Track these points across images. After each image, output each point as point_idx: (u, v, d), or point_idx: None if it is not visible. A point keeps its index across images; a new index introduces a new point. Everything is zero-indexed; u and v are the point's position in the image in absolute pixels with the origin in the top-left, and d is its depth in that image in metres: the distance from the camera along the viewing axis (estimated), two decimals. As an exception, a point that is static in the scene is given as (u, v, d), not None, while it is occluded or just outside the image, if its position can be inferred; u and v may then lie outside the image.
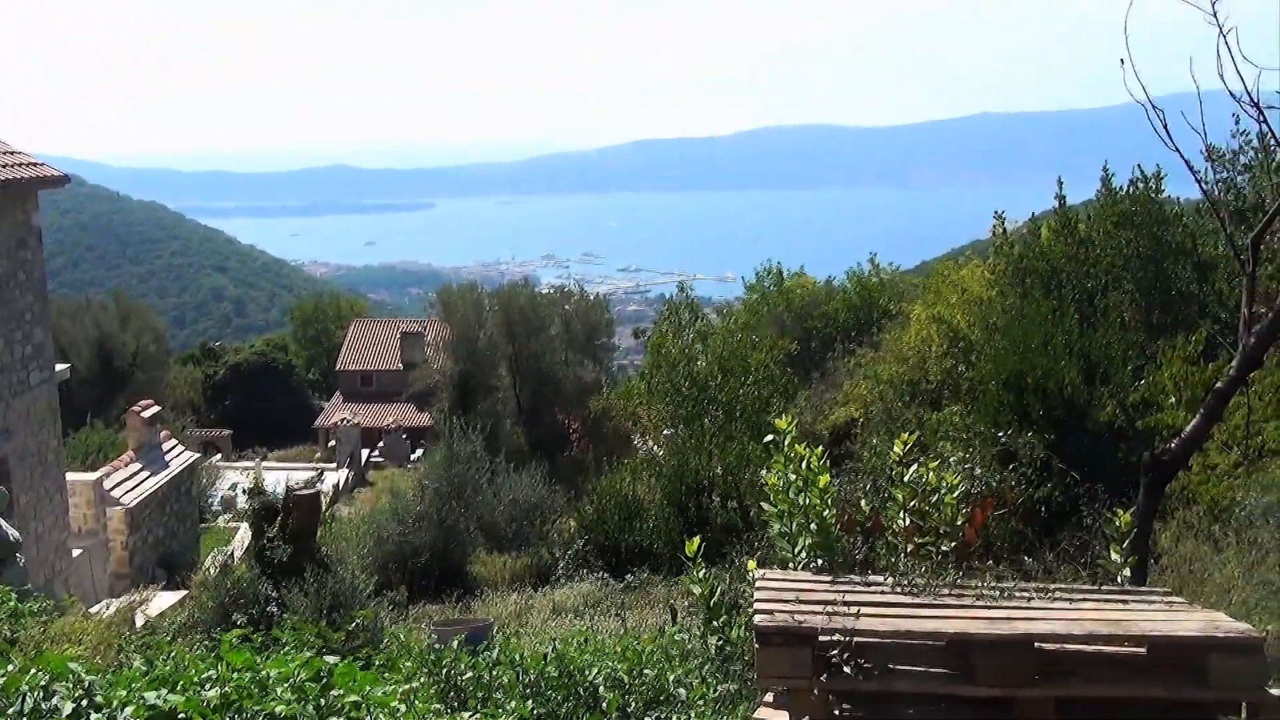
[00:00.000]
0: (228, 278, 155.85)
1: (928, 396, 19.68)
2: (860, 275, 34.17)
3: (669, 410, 20.87)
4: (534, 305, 39.68)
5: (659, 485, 20.28)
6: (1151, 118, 6.65)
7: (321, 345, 60.36)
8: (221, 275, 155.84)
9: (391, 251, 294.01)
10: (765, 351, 21.21)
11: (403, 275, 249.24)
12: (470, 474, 20.88)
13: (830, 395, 26.15)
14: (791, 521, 6.86)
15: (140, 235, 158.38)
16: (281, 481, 17.56)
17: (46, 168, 16.78)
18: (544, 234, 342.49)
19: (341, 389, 51.65)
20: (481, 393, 37.92)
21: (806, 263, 39.22)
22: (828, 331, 32.01)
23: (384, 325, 55.16)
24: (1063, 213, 19.20)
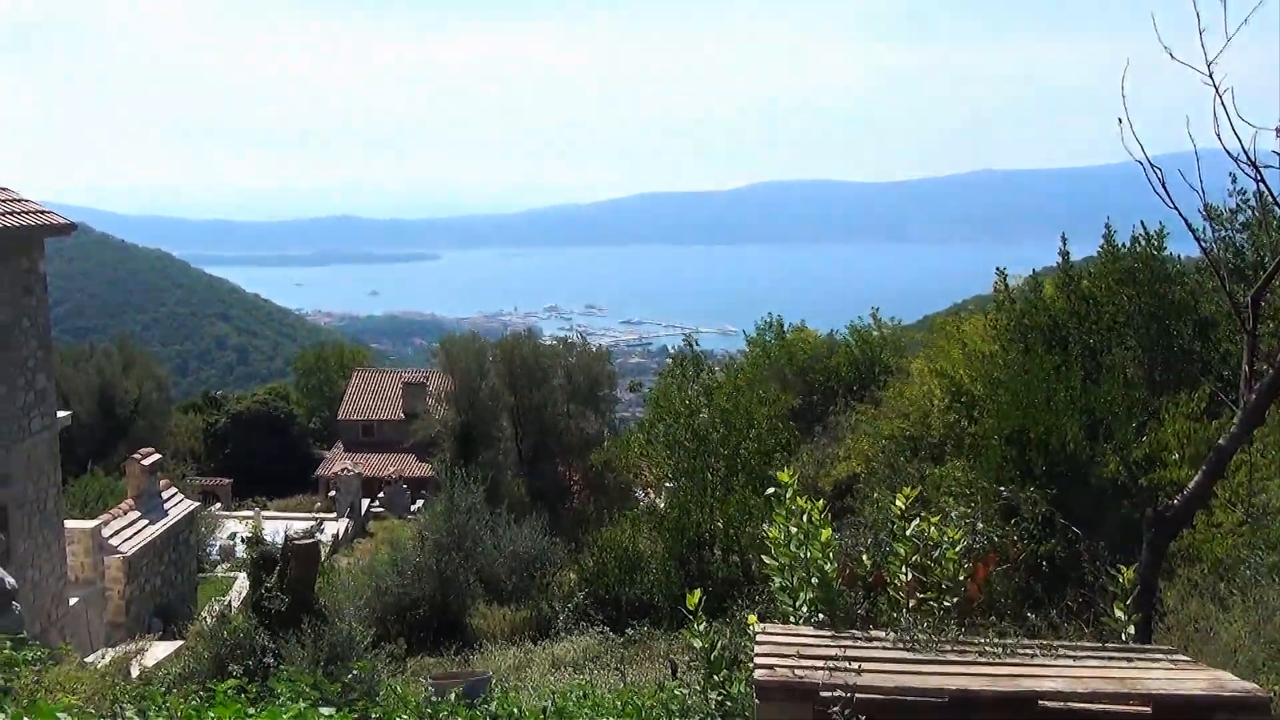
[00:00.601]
0: (231, 326, 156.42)
1: (930, 451, 19.63)
2: (862, 329, 34.21)
3: (670, 463, 20.80)
4: (536, 356, 39.73)
5: (660, 538, 20.16)
6: (1150, 176, 6.71)
7: (324, 394, 60.37)
8: (225, 324, 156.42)
9: (395, 301, 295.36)
10: (768, 405, 21.18)
11: (406, 325, 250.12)
12: (471, 525, 20.77)
13: (832, 450, 26.08)
14: (793, 575, 6.82)
15: (145, 283, 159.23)
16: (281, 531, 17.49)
17: (53, 215, 16.92)
18: (547, 286, 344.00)
19: (343, 438, 51.57)
20: (483, 443, 37.85)
21: (808, 317, 39.33)
22: (830, 385, 31.98)
23: (386, 375, 55.23)
24: (1065, 269, 19.29)
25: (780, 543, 6.95)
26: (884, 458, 20.35)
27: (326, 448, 53.77)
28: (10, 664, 6.56)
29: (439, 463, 36.43)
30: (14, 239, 15.73)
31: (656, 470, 23.83)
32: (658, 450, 21.95)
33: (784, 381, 31.04)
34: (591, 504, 36.84)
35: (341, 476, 39.91)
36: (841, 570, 7.02)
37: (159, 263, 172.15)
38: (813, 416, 30.39)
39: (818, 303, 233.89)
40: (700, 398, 21.26)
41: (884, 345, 32.82)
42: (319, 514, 39.24)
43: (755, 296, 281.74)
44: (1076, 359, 16.72)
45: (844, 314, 41.76)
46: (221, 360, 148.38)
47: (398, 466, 46.33)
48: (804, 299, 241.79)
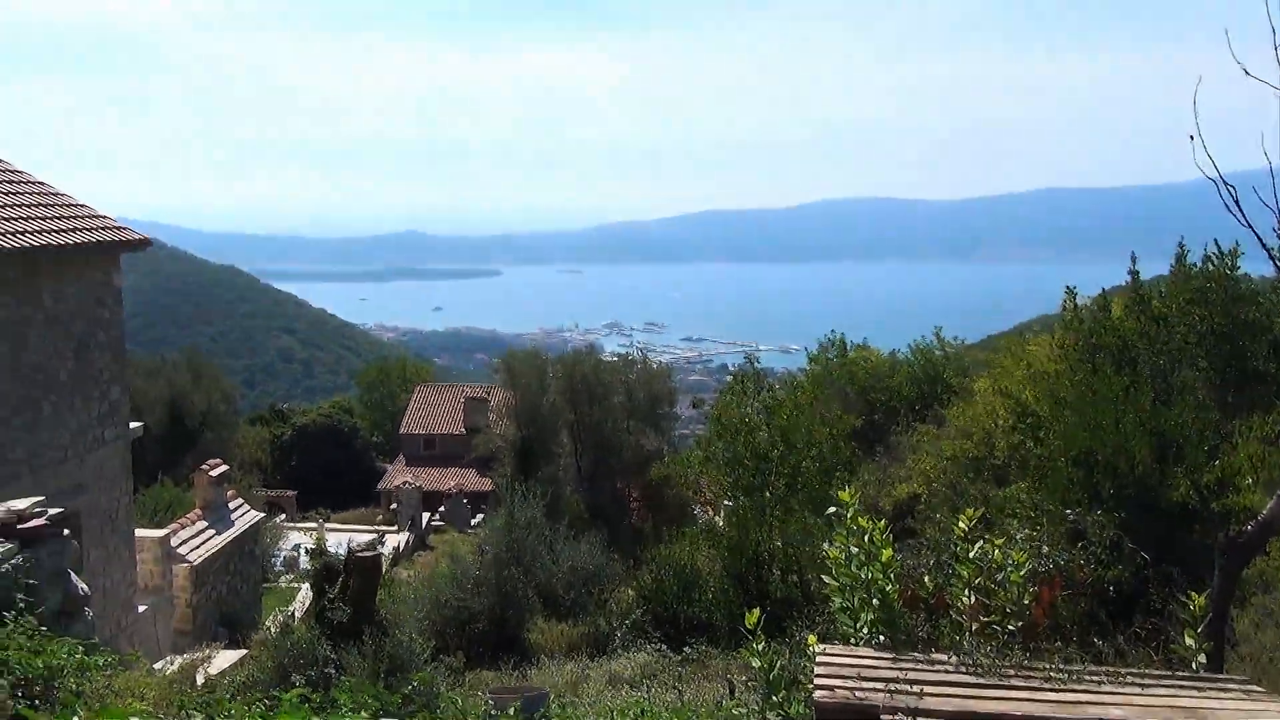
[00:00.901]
0: (297, 340, 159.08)
1: (993, 472, 19.33)
2: (925, 349, 33.86)
3: (729, 481, 20.73)
4: (597, 373, 39.87)
5: (718, 556, 20.09)
6: (1223, 194, 6.58)
7: (386, 409, 61.10)
8: (291, 338, 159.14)
9: (458, 317, 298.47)
10: (829, 424, 21.04)
11: (468, 340, 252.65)
12: (530, 540, 20.87)
13: (894, 469, 25.81)
14: (854, 596, 6.76)
15: (214, 297, 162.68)
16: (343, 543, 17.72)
17: (129, 231, 17.39)
18: (608, 302, 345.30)
19: (404, 452, 52.11)
20: (543, 459, 38.04)
21: (870, 335, 39.00)
22: (892, 405, 31.68)
23: (448, 390, 55.77)
24: (1135, 288, 18.92)
25: (841, 563, 6.89)
26: (946, 478, 20.08)
27: (388, 461, 54.39)
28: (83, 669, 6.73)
29: (499, 477, 36.68)
30: (91, 253, 16.19)
31: (715, 488, 23.77)
32: (717, 468, 21.90)
33: (845, 400, 30.81)
34: (650, 521, 36.80)
35: (403, 490, 40.30)
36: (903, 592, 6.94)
37: (228, 277, 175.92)
38: (874, 436, 30.11)
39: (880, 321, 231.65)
40: (760, 415, 21.18)
41: (947, 365, 32.43)
42: (381, 527, 39.66)
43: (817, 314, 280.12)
44: (1146, 380, 16.38)
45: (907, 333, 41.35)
46: (287, 373, 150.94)
47: (458, 480, 46.70)
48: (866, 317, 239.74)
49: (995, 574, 6.82)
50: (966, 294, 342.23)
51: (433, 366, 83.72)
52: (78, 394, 16.04)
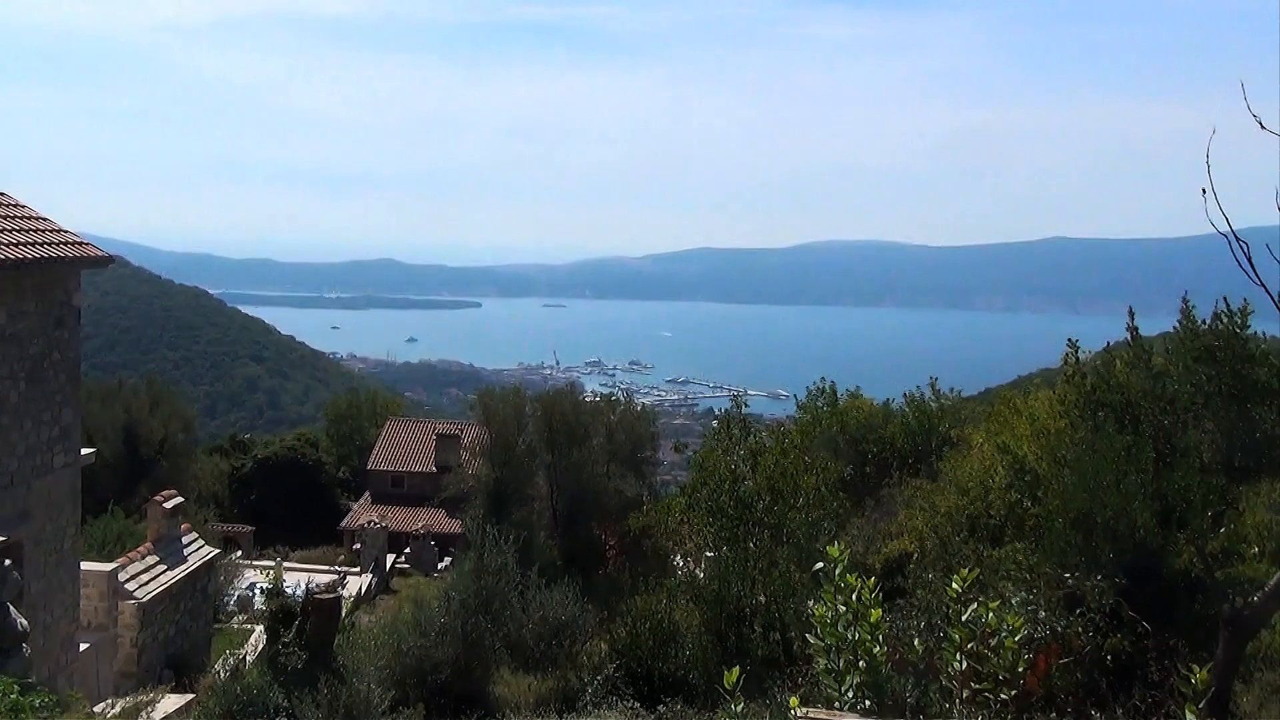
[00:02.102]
0: (264, 368, 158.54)
1: (988, 531, 19.29)
2: (919, 399, 33.89)
3: (712, 530, 20.63)
4: (577, 413, 39.78)
5: (698, 610, 19.93)
6: (1235, 250, 6.62)
7: (354, 443, 60.77)
8: (257, 365, 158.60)
9: (433, 349, 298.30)
10: (817, 475, 20.99)
11: (443, 374, 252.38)
12: (500, 587, 20.66)
13: (884, 525, 25.73)
14: (839, 657, 6.69)
15: (179, 320, 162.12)
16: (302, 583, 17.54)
17: (91, 247, 17.30)
18: (590, 339, 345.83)
19: (371, 489, 51.77)
20: (516, 501, 37.85)
21: (863, 383, 39.02)
22: (884, 456, 31.61)
23: (419, 426, 55.51)
24: (1137, 344, 19.00)
25: (827, 622, 6.83)
26: (939, 536, 20.02)
27: (353, 498, 53.99)
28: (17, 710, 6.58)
29: (469, 519, 36.39)
30: (50, 270, 16.08)
31: (697, 538, 23.64)
32: (699, 517, 21.79)
33: (835, 450, 30.76)
34: (627, 570, 36.57)
35: (367, 529, 40.00)
36: (891, 654, 6.88)
37: (194, 300, 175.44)
38: (864, 488, 30.03)
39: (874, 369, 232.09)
40: (746, 463, 21.12)
41: (942, 417, 32.42)
42: (342, 567, 39.29)
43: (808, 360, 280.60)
44: (1149, 440, 16.40)
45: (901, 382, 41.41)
46: (251, 403, 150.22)
47: (426, 521, 46.38)
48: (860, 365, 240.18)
49: (989, 639, 6.77)
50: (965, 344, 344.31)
51: (404, 400, 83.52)
52: (28, 416, 15.87)
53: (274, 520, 47.98)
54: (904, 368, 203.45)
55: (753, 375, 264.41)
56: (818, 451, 27.10)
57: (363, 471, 54.34)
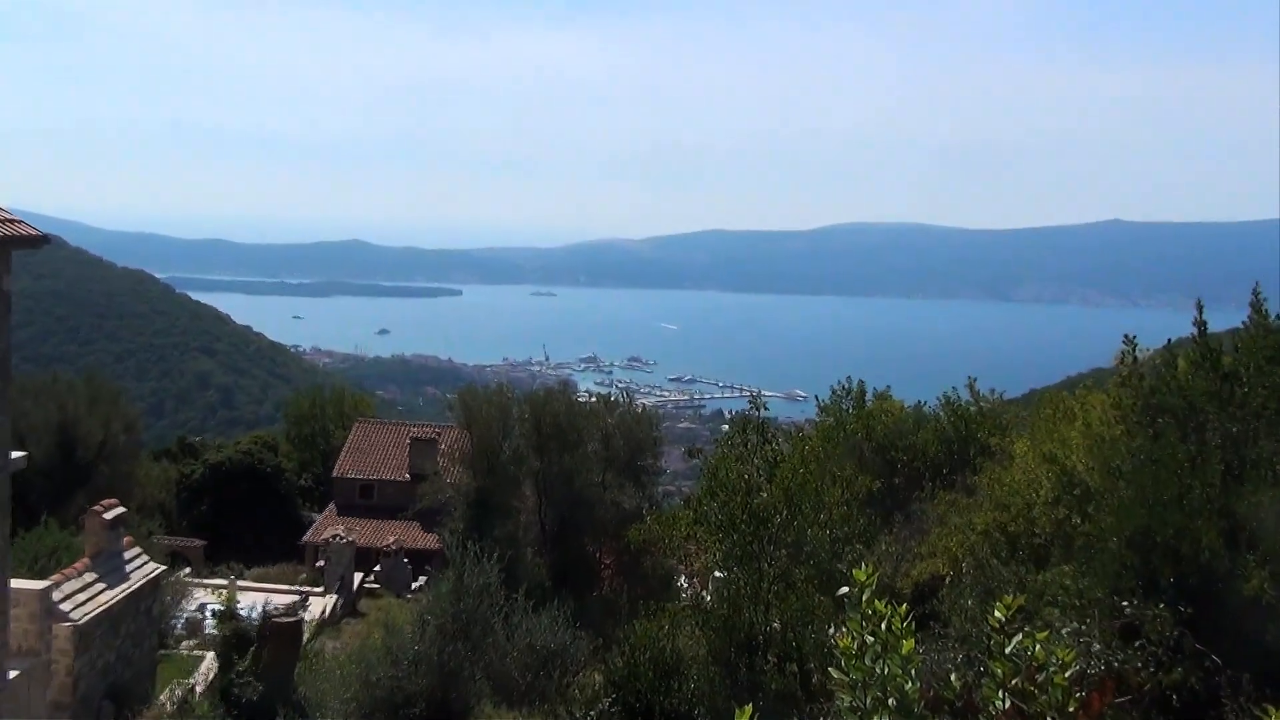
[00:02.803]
0: (216, 362, 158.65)
1: (1032, 552, 19.29)
2: (956, 402, 33.90)
3: (722, 548, 20.63)
4: (570, 415, 39.78)
5: (704, 638, 19.94)
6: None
7: (318, 447, 60.78)
8: (209, 359, 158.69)
9: (407, 342, 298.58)
10: (841, 487, 21.00)
11: (418, 371, 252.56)
12: (481, 610, 20.69)
13: (915, 544, 25.73)
14: (866, 694, 6.66)
15: (121, 308, 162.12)
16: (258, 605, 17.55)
17: (24, 225, 17.25)
18: (585, 333, 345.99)
19: (336, 500, 51.77)
20: (501, 514, 37.85)
21: (893, 383, 39.03)
22: (915, 466, 31.63)
23: (392, 429, 55.53)
24: (1203, 342, 18.95)
25: (852, 654, 6.80)
26: (976, 557, 20.02)
27: (317, 509, 54.00)
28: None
29: (448, 534, 36.40)
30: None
31: (705, 556, 23.65)
32: (708, 532, 21.79)
33: (861, 459, 30.76)
34: (625, 592, 36.56)
35: (333, 544, 40.01)
36: (924, 691, 6.85)
37: (138, 285, 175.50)
38: (893, 503, 30.04)
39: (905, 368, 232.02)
40: (761, 473, 21.11)
41: (981, 422, 32.43)
42: (304, 587, 39.31)
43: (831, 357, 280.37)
44: (1215, 450, 16.38)
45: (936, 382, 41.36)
46: (202, 401, 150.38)
47: (399, 536, 46.39)
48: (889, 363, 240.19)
49: (1035, 674, 6.74)
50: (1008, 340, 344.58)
51: (375, 399, 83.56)
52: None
53: (227, 534, 47.99)
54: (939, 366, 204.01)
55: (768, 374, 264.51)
56: (841, 460, 27.10)
57: (327, 479, 54.34)
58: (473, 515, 37.67)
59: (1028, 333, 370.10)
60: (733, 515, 20.07)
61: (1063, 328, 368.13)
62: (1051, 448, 19.80)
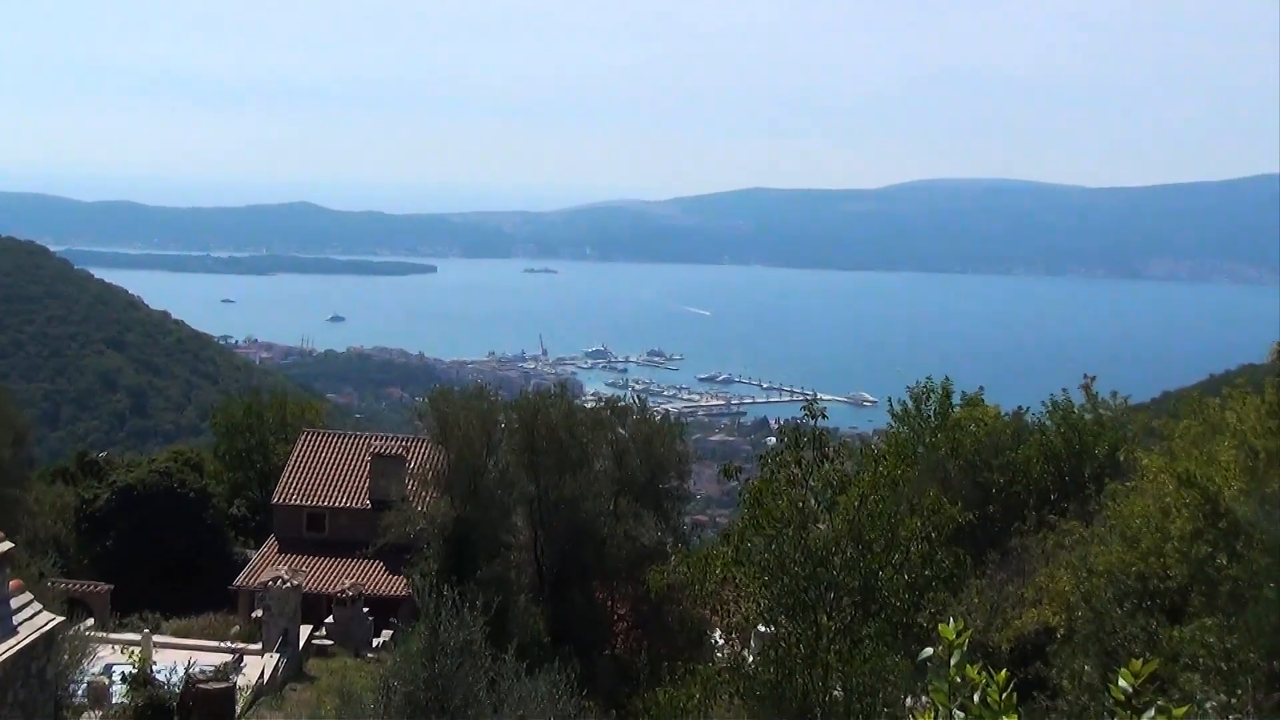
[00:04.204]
0: (126, 358, 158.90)
1: (1166, 600, 19.21)
2: (1066, 408, 33.81)
3: (768, 595, 20.59)
4: (573, 425, 39.70)
5: (746, 710, 19.92)
6: None
7: (254, 466, 60.83)
8: (118, 354, 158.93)
9: (367, 332, 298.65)
10: (922, 517, 20.93)
11: (380, 368, 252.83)
12: (461, 675, 20.68)
13: (1015, 588, 25.66)
14: (955, 786, 6.65)
15: (7, 289, 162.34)
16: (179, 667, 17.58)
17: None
18: (592, 320, 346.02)
19: (278, 533, 51.83)
20: (486, 551, 37.82)
21: (986, 383, 38.98)
22: (1014, 491, 31.57)
23: (348, 442, 55.51)
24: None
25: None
26: (1094, 606, 19.95)
27: (253, 545, 54.07)
28: None
29: (419, 577, 36.35)
30: None
31: (746, 605, 23.62)
32: (750, 575, 21.76)
33: (945, 481, 30.70)
34: (644, 651, 36.53)
35: (273, 589, 40.06)
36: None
37: (29, 260, 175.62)
38: (985, 536, 29.96)
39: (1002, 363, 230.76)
40: (819, 500, 21.06)
41: (1100, 434, 32.35)
42: (237, 644, 39.36)
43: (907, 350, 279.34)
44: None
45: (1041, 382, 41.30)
46: (109, 407, 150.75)
47: (357, 579, 46.46)
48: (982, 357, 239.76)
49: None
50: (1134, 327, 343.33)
51: (327, 405, 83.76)
52: None
53: (140, 575, 48.02)
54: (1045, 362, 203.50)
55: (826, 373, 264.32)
56: (921, 484, 27.03)
57: (266, 507, 54.37)
58: (450, 553, 37.65)
59: (1160, 319, 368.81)
60: (782, 553, 20.03)
61: (1206, 312, 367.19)
62: (1191, 467, 19.70)
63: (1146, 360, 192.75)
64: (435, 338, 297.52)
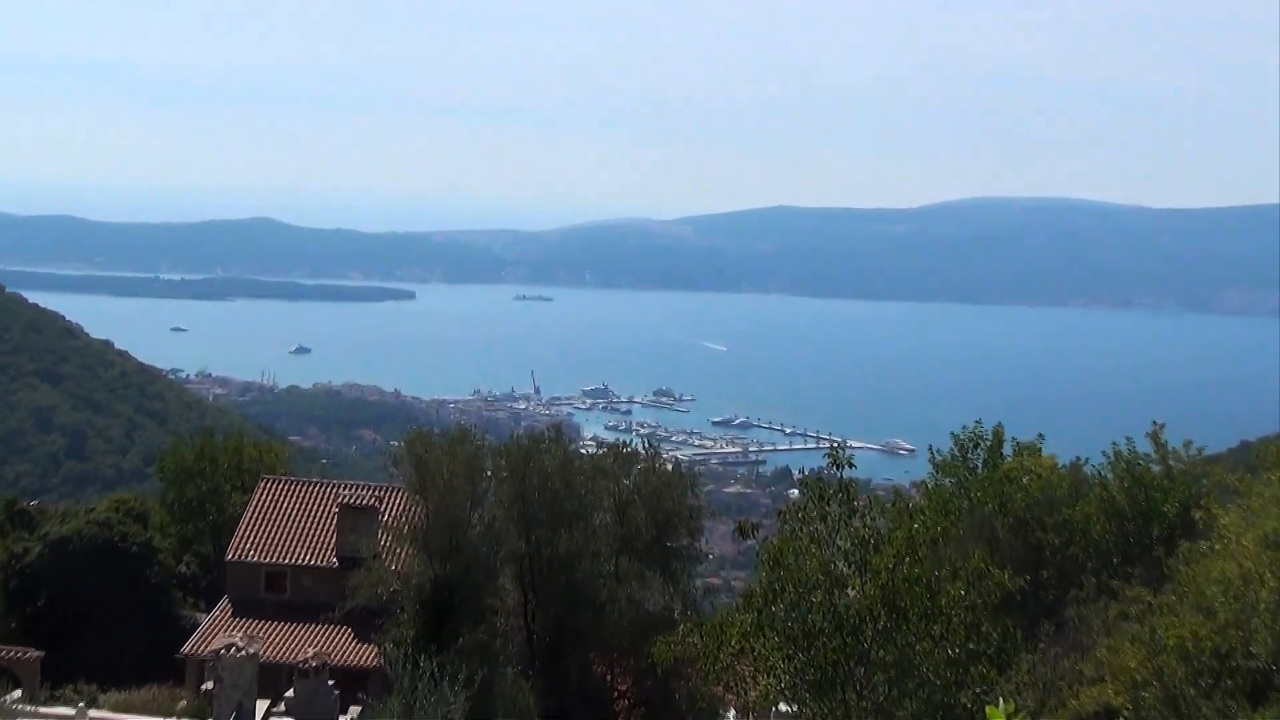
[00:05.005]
0: (62, 393, 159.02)
1: (1247, 680, 19.16)
2: (1131, 459, 33.75)
3: (792, 669, 20.57)
4: (569, 474, 39.67)
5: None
6: None
7: (206, 517, 60.75)
8: (52, 389, 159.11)
9: (336, 365, 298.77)
10: (966, 582, 20.90)
11: (351, 408, 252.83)
12: (440, 758, 20.66)
13: (1071, 664, 25.57)
14: None
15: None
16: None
17: None
18: (592, 355, 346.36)
19: (232, 593, 51.78)
20: (469, 616, 37.76)
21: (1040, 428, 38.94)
22: (1072, 553, 31.50)
23: (313, 490, 55.44)
24: None
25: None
26: (1166, 685, 19.89)
27: (204, 607, 53.99)
28: None
29: (392, 646, 36.25)
30: None
31: (766, 680, 23.58)
32: (771, 647, 21.74)
33: (993, 541, 30.65)
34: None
35: (226, 659, 40.00)
36: None
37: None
38: (1038, 605, 29.88)
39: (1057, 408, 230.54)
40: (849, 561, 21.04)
41: (1170, 488, 32.28)
42: (185, 719, 39.30)
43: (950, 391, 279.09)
44: None
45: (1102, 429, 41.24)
46: (41, 449, 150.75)
47: (322, 647, 46.39)
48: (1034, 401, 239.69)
49: None
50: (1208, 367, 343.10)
51: (289, 448, 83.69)
52: None
53: (75, 641, 47.95)
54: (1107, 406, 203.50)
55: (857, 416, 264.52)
56: (965, 544, 27.00)
57: (219, 564, 54.34)
58: (428, 618, 37.61)
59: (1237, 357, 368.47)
60: (807, 622, 20.01)
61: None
62: (1277, 527, 19.69)
63: (1222, 405, 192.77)
64: (413, 373, 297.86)
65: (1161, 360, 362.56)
